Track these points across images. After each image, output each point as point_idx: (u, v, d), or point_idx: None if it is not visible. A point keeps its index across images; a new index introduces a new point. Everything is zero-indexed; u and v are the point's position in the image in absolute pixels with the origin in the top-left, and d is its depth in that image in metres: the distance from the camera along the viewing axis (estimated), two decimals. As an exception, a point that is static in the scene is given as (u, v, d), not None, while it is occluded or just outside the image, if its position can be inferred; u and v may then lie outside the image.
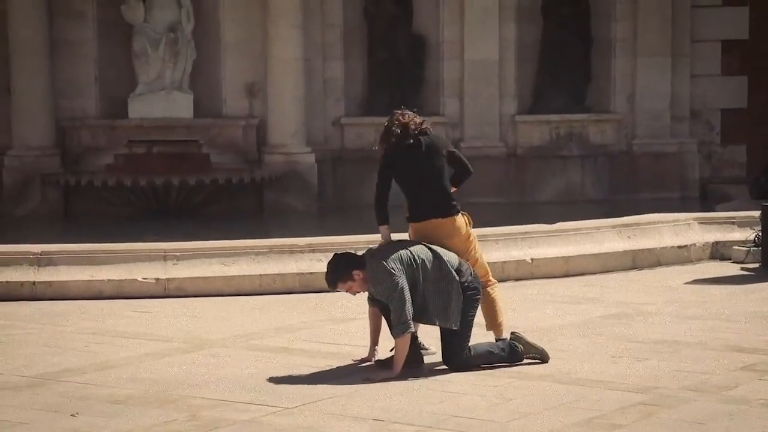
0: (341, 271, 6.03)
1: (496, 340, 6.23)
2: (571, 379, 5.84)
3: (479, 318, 6.23)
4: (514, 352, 6.13)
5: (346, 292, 6.14)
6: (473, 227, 6.45)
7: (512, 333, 6.25)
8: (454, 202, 6.28)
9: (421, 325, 6.13)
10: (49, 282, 8.62)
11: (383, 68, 15.61)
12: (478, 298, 6.14)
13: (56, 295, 8.54)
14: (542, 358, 6.18)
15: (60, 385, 5.85)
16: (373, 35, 15.72)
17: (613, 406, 5.29)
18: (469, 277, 6.09)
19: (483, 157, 15.71)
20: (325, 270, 6.12)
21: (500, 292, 6.42)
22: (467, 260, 6.20)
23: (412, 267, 5.93)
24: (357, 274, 6.00)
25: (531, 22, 15.99)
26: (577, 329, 7.23)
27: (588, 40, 16.05)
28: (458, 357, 6.00)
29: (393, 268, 5.88)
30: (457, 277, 6.03)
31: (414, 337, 6.12)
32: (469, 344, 6.07)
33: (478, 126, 15.80)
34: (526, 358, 6.16)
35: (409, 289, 5.92)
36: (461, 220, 6.29)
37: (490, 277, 6.40)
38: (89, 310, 8.09)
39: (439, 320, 6.01)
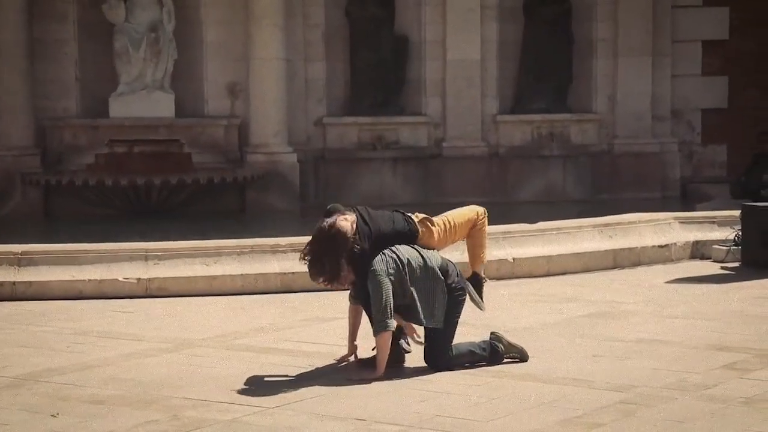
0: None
1: (472, 275, 6.26)
2: (552, 378, 5.86)
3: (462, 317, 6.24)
4: (495, 352, 6.15)
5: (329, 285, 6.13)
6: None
7: (492, 333, 6.26)
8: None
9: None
10: (30, 282, 8.59)
11: (365, 68, 15.61)
12: (464, 299, 6.15)
13: (37, 295, 8.51)
14: (522, 357, 6.21)
15: (40, 385, 5.82)
16: (355, 36, 15.72)
17: (593, 405, 5.31)
18: (455, 278, 6.10)
19: (465, 157, 15.78)
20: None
21: (486, 227, 6.40)
22: (453, 240, 6.22)
23: (397, 268, 5.93)
24: (346, 268, 6.01)
25: (513, 23, 16.02)
26: (558, 328, 7.26)
27: (569, 41, 16.10)
28: (441, 357, 6.01)
29: (376, 269, 5.88)
30: (443, 278, 6.04)
31: (397, 338, 6.13)
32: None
33: (460, 126, 15.83)
34: (507, 357, 6.18)
35: (397, 289, 5.92)
36: (424, 233, 6.19)
37: (479, 213, 6.35)
38: (70, 311, 8.06)
39: (426, 320, 6.01)
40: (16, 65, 14.42)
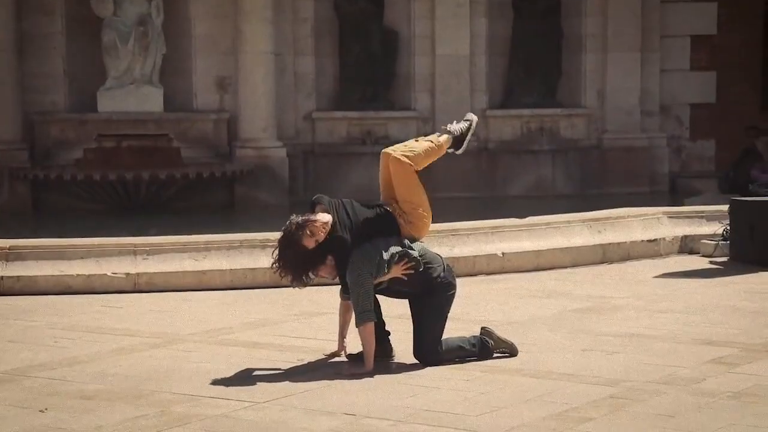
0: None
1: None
2: (542, 372, 5.86)
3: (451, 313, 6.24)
4: (484, 347, 6.15)
5: (315, 276, 6.13)
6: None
7: (483, 328, 6.26)
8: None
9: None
10: (18, 277, 8.56)
11: (354, 63, 15.60)
12: (453, 294, 6.14)
13: (25, 290, 8.48)
14: (512, 352, 6.21)
15: (29, 380, 5.80)
16: (344, 30, 15.71)
17: (583, 399, 5.32)
18: (442, 273, 6.09)
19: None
20: None
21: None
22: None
23: (377, 262, 5.91)
24: (329, 259, 6.01)
25: (502, 18, 16.03)
26: (547, 323, 7.26)
27: (559, 36, 16.12)
28: (432, 353, 6.01)
29: (355, 262, 5.87)
30: (431, 273, 6.03)
31: (386, 333, 6.13)
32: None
33: (450, 121, 15.62)
34: (496, 352, 6.18)
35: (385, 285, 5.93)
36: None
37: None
38: (58, 305, 8.04)
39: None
40: (4, 59, 14.37)
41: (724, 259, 9.95)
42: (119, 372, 5.96)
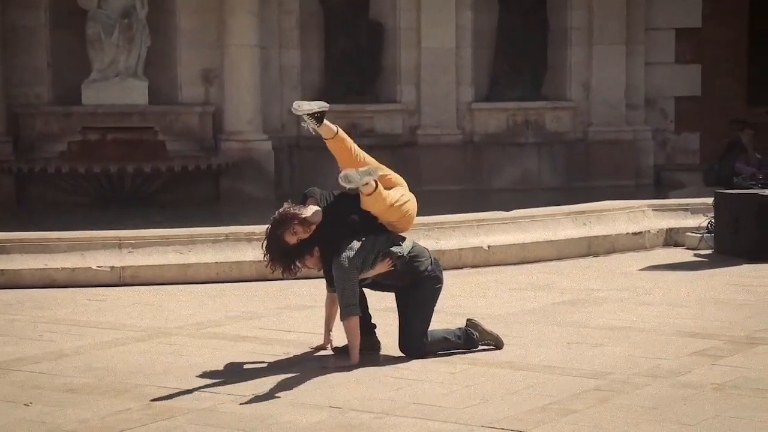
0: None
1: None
2: (527, 365, 5.88)
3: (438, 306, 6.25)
4: (469, 339, 6.16)
5: (302, 266, 6.12)
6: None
7: (468, 320, 6.27)
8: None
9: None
10: (2, 270, 8.52)
11: (340, 56, 15.57)
12: (440, 288, 6.15)
13: (9, 284, 8.44)
14: (497, 344, 6.22)
15: (13, 374, 5.78)
16: (330, 23, 15.67)
17: (568, 392, 5.33)
18: (429, 266, 6.09)
19: (440, 145, 15.78)
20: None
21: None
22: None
23: (363, 255, 5.91)
24: (315, 250, 6.00)
25: (487, 10, 16.03)
26: (532, 316, 7.28)
27: (544, 29, 16.12)
28: (418, 345, 6.01)
29: (341, 256, 5.86)
30: (415, 267, 6.03)
31: (372, 326, 6.13)
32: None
33: (435, 114, 15.83)
34: (481, 344, 6.19)
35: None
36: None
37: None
38: (43, 299, 8.01)
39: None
40: (-13, 52, 14.29)
41: (709, 251, 9.99)
42: (104, 366, 5.94)
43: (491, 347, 6.21)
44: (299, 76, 15.57)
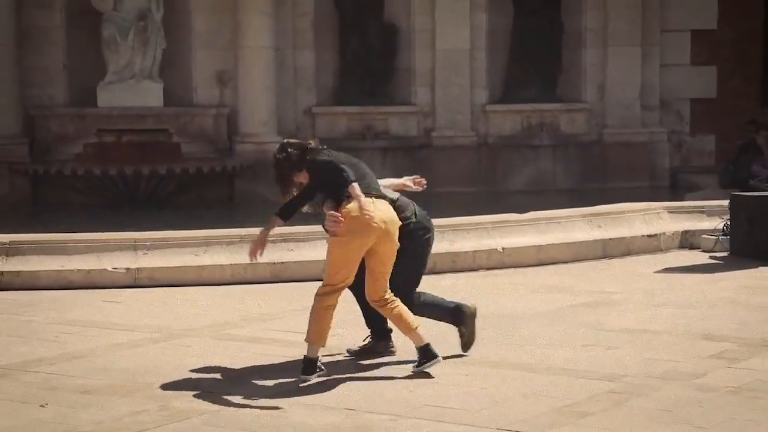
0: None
1: (418, 348, 5.75)
2: (542, 367, 5.87)
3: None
4: (459, 310, 6.02)
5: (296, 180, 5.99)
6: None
7: (470, 307, 6.14)
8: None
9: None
10: (18, 272, 8.55)
11: (354, 57, 15.59)
12: (428, 238, 6.00)
13: (25, 285, 8.47)
14: (467, 341, 6.06)
15: (29, 375, 5.80)
16: (344, 24, 15.69)
17: (583, 394, 5.32)
18: (414, 218, 5.96)
19: (454, 147, 15.77)
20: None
21: (403, 307, 5.77)
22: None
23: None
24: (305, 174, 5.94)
25: (502, 12, 16.02)
26: (547, 318, 7.27)
27: (559, 30, 16.10)
28: (403, 295, 5.75)
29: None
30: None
31: (388, 330, 6.10)
32: (421, 291, 5.98)
33: (450, 115, 15.82)
34: (461, 327, 6.03)
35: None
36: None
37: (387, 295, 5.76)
38: (58, 300, 8.04)
39: None
40: (4, 54, 14.35)
41: (725, 254, 9.96)
42: (120, 367, 5.96)
43: (461, 338, 6.06)
44: (314, 77, 15.59)
